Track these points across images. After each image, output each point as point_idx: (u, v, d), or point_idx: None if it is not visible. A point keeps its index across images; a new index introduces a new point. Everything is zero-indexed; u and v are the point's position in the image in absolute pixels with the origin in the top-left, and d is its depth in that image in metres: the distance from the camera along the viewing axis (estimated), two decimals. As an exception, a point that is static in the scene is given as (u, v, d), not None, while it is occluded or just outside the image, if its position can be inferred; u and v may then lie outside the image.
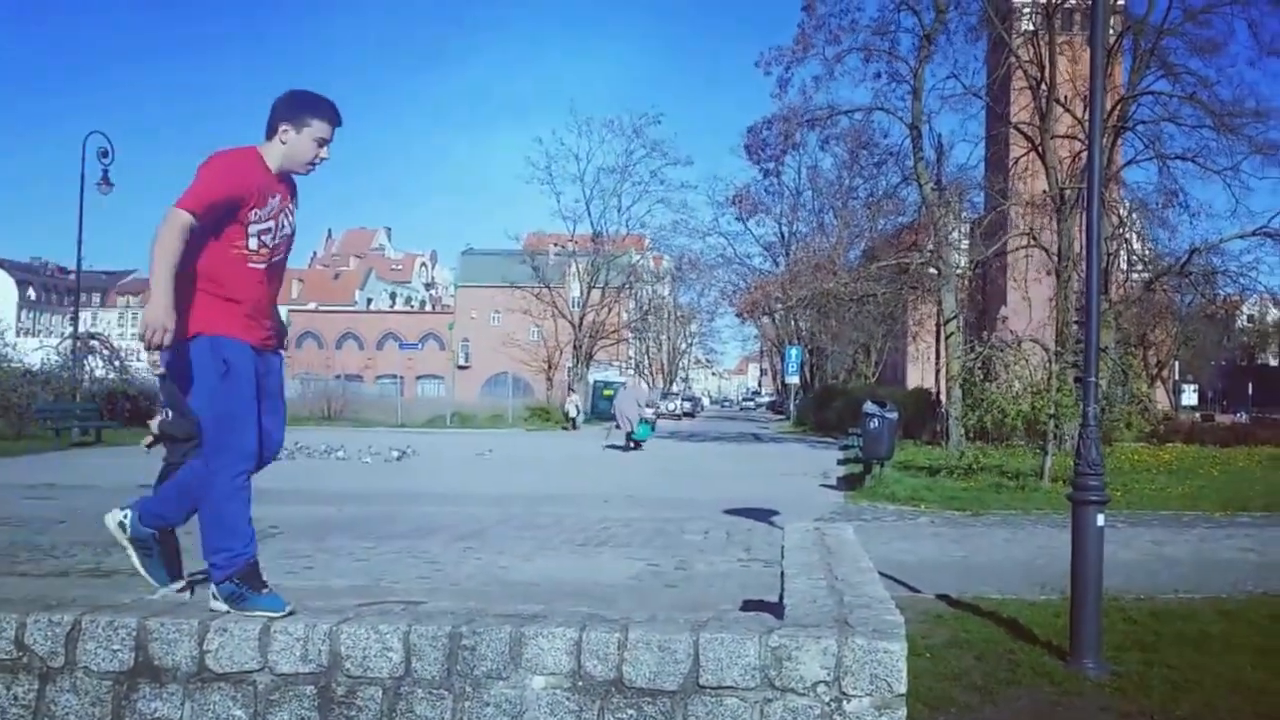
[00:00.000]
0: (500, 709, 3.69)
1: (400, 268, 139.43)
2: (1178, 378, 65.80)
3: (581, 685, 3.67)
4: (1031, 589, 7.69)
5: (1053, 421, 17.19)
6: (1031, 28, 30.59)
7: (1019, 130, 31.48)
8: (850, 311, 42.90)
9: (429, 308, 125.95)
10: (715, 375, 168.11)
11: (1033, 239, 30.70)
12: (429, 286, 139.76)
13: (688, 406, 74.86)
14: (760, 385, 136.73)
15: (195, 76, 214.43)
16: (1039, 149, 29.51)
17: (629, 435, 27.35)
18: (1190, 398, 68.46)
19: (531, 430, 42.90)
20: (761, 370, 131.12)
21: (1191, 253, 29.81)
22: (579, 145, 78.52)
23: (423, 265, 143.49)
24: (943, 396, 33.13)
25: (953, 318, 29.39)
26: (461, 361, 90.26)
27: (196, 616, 3.92)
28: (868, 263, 35.84)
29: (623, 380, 49.76)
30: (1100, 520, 5.74)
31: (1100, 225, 6.32)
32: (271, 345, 4.30)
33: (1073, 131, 30.05)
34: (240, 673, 3.79)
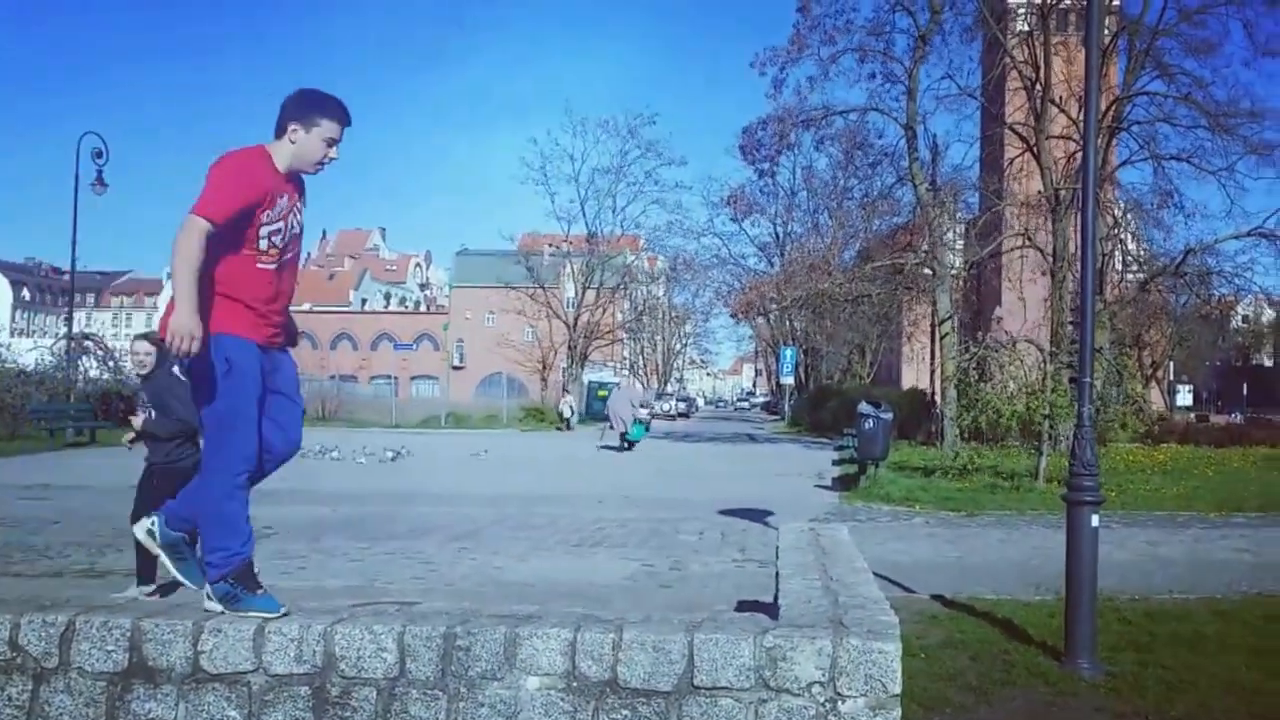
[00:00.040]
0: (495, 710, 3.68)
1: (395, 268, 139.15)
2: (1173, 378, 65.95)
3: (576, 686, 3.67)
4: (1026, 589, 7.70)
5: (1047, 422, 17.21)
6: (1026, 28, 30.68)
7: (1014, 131, 31.52)
8: (845, 312, 42.90)
9: (424, 308, 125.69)
10: (710, 376, 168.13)
11: (1028, 240, 30.75)
12: (424, 287, 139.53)
13: (682, 407, 74.84)
14: (755, 386, 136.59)
15: (195, 76, 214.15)
16: (1034, 149, 29.57)
17: (623, 435, 27.36)
18: (1185, 398, 68.56)
19: (526, 431, 42.90)
20: (756, 371, 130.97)
21: (1186, 253, 29.83)
22: (574, 146, 78.44)
23: (417, 266, 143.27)
24: (938, 397, 33.16)
25: (947, 318, 29.44)
26: (456, 362, 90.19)
27: (191, 617, 3.91)
28: (862, 263, 35.82)
29: (617, 381, 49.83)
30: (1095, 521, 5.75)
31: (1095, 226, 6.33)
32: (279, 343, 4.26)
33: (1068, 132, 30.09)
34: (235, 673, 3.79)
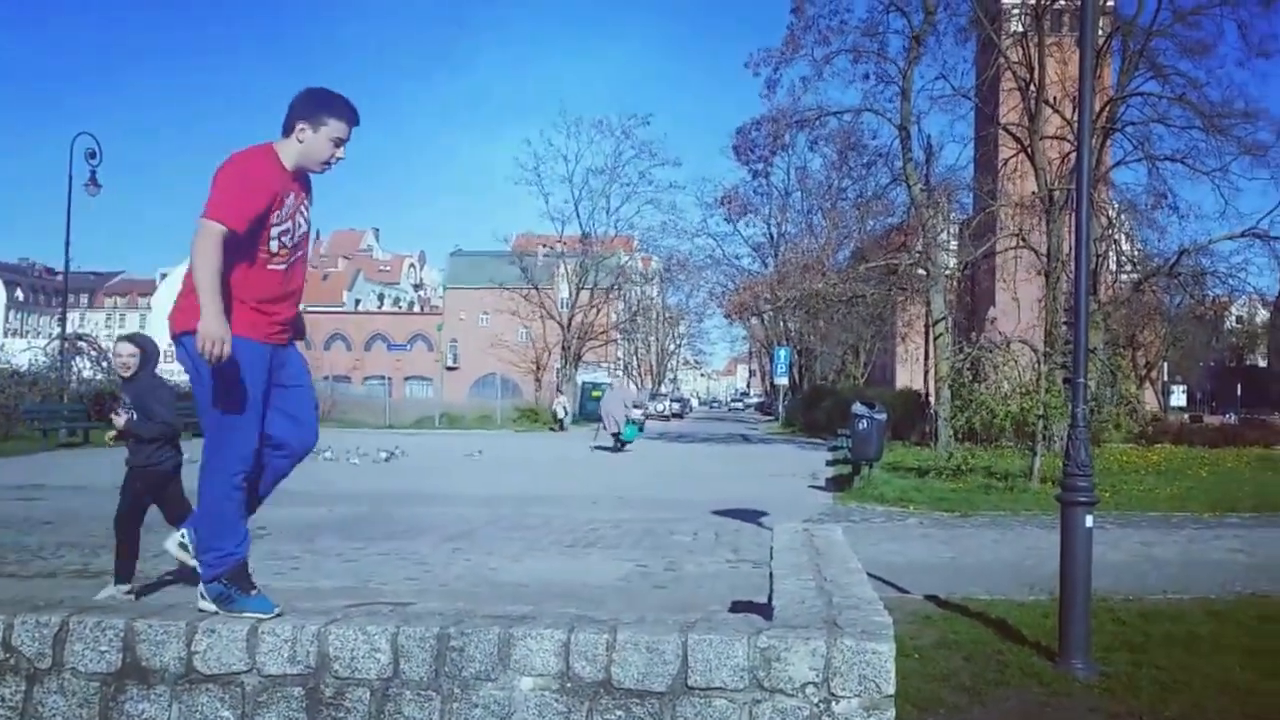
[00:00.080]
0: (489, 710, 3.68)
1: (388, 269, 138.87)
2: (1166, 379, 66.17)
3: (570, 686, 3.67)
4: (1020, 590, 7.69)
5: (1041, 422, 17.21)
6: (1020, 29, 30.67)
7: (1008, 131, 31.52)
8: (839, 312, 42.93)
9: (417, 309, 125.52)
10: (704, 376, 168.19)
11: (1022, 240, 30.76)
12: (417, 288, 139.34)
13: (676, 407, 74.88)
14: (749, 386, 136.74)
15: (195, 77, 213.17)
16: (1028, 150, 29.57)
17: (616, 436, 27.36)
18: (1179, 399, 68.82)
19: (520, 431, 42.87)
20: (750, 371, 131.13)
21: (1180, 254, 29.89)
22: (568, 146, 78.03)
23: (411, 266, 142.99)
24: (931, 397, 33.14)
25: (941, 319, 29.47)
26: (450, 363, 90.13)
27: (184, 618, 3.90)
28: (856, 264, 35.86)
29: (610, 381, 49.81)
30: (1089, 521, 5.75)
31: (1089, 226, 6.33)
32: (284, 339, 4.24)
33: (1062, 133, 30.10)
34: (228, 674, 3.78)
